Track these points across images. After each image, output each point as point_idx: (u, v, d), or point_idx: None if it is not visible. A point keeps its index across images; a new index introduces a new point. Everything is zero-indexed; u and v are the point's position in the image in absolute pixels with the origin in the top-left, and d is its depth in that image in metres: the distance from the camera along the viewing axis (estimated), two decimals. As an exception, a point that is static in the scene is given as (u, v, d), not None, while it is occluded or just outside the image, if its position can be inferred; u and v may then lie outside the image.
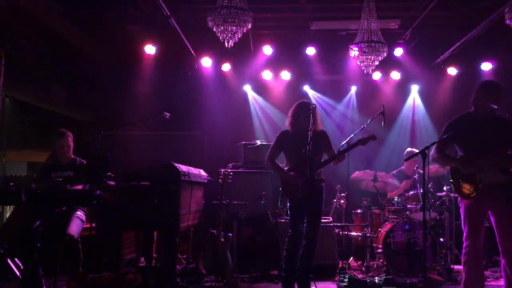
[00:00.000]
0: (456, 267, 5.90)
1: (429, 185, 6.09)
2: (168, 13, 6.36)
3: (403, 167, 6.97)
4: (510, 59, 7.82)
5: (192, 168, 5.24)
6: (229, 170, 5.76)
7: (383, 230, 5.94)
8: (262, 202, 5.97)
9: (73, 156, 5.16)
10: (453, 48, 7.48)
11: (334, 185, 6.79)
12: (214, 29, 4.90)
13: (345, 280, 5.26)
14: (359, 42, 5.55)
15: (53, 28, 6.49)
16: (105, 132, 5.10)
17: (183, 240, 5.57)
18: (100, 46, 7.74)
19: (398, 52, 7.74)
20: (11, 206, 6.71)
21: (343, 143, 5.61)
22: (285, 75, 8.34)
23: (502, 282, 5.47)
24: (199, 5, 6.45)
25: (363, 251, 6.18)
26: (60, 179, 4.31)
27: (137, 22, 7.09)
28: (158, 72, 8.01)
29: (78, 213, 4.78)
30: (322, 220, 6.09)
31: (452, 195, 6.01)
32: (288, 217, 4.84)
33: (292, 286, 4.68)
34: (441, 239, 6.03)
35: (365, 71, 5.80)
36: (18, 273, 4.13)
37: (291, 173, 4.70)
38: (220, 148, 7.80)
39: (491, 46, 7.62)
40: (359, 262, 6.29)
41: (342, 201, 6.68)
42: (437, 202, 6.12)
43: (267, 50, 7.81)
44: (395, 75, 8.32)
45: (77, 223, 4.68)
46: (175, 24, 6.70)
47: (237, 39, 4.98)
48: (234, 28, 4.85)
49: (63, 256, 4.66)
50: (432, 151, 4.24)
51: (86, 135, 5.20)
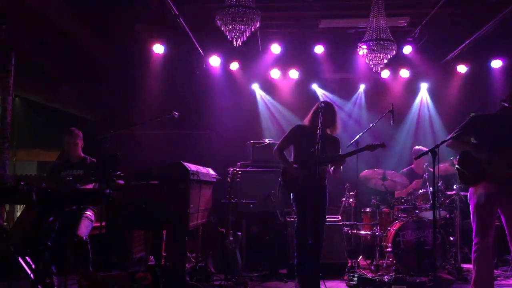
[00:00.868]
0: (466, 266, 5.86)
1: (439, 184, 6.05)
2: (177, 12, 6.38)
3: (412, 165, 6.94)
4: (521, 56, 7.76)
5: (201, 167, 5.25)
6: (237, 169, 5.77)
7: (393, 229, 5.92)
8: (272, 200, 5.98)
9: (83, 154, 5.18)
10: (462, 45, 7.43)
11: (343, 184, 6.77)
12: (223, 28, 4.90)
13: (355, 279, 5.24)
14: (368, 40, 5.53)
15: (63, 27, 6.54)
16: (114, 131, 5.13)
17: (192, 239, 5.60)
18: (109, 46, 7.78)
19: (407, 50, 7.70)
20: (22, 205, 6.77)
21: (351, 141, 5.59)
22: (294, 73, 8.33)
23: (512, 281, 5.46)
24: (207, 4, 6.46)
25: (372, 250, 6.16)
26: (70, 178, 4.34)
27: (145, 21, 7.12)
28: (166, 71, 8.03)
29: (88, 213, 4.79)
30: (331, 219, 6.12)
31: (462, 193, 5.97)
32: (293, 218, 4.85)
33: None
34: (451, 238, 6.00)
35: (373, 69, 5.77)
36: (29, 272, 4.16)
37: (295, 165, 4.73)
38: (229, 147, 7.80)
39: (501, 43, 7.53)
40: (368, 261, 6.27)
41: (351, 199, 6.66)
42: (447, 201, 6.08)
43: (275, 48, 7.80)
44: (404, 73, 8.27)
45: (86, 223, 4.70)
46: (184, 23, 6.71)
47: (245, 38, 4.98)
48: (242, 27, 4.85)
49: (73, 255, 4.69)
50: (449, 137, 4.24)
51: (96, 134, 5.22)
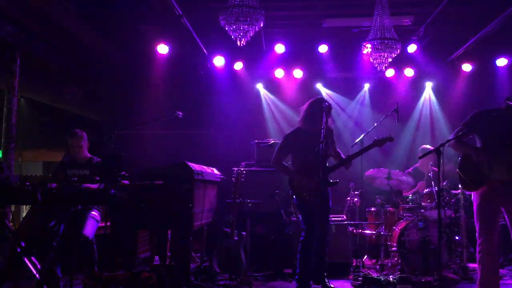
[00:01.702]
0: (471, 265, 5.84)
1: (444, 183, 6.03)
2: (181, 12, 6.39)
3: (417, 164, 6.92)
4: (526, 54, 7.72)
5: (205, 167, 5.26)
6: (242, 169, 5.77)
7: (398, 228, 5.91)
8: (277, 199, 5.97)
9: (89, 155, 5.20)
10: (467, 44, 7.40)
11: (347, 183, 6.75)
12: (226, 28, 4.91)
13: (360, 278, 5.24)
14: (372, 39, 5.52)
15: (67, 28, 6.56)
16: (119, 131, 5.14)
17: (196, 239, 5.60)
18: (114, 46, 7.80)
19: (412, 48, 7.67)
20: (28, 206, 6.80)
21: (356, 140, 5.58)
22: (298, 73, 8.32)
23: (519, 280, 5.43)
24: (211, 4, 6.46)
25: (377, 249, 6.15)
26: (75, 179, 4.35)
27: (149, 22, 7.13)
28: (170, 71, 8.05)
29: (93, 213, 4.82)
30: (336, 218, 6.11)
31: (467, 192, 5.95)
32: (301, 219, 4.81)
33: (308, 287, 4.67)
34: (456, 237, 5.98)
35: (378, 68, 5.76)
36: (35, 272, 4.18)
37: (301, 176, 4.68)
38: (233, 146, 7.80)
39: (506, 42, 7.50)
40: (374, 261, 6.26)
41: (355, 199, 6.65)
42: (452, 200, 6.06)
43: (280, 48, 7.80)
44: (409, 72, 8.25)
45: (92, 223, 4.72)
46: (188, 24, 6.72)
47: (249, 38, 4.98)
48: (246, 26, 4.85)
49: (78, 255, 4.70)
50: (451, 136, 4.21)
51: (100, 134, 5.24)
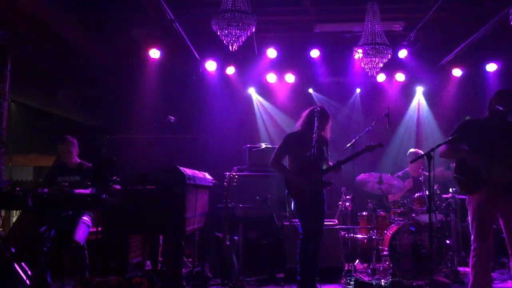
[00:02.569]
0: (462, 269, 5.88)
1: (435, 187, 6.07)
2: (173, 17, 6.39)
3: (407, 168, 6.95)
4: (515, 59, 7.81)
5: (197, 172, 5.25)
6: (234, 173, 5.77)
7: (389, 232, 5.93)
8: (269, 204, 5.98)
9: (79, 160, 5.18)
10: (457, 49, 7.47)
11: (339, 188, 6.77)
12: (218, 33, 4.92)
13: (351, 282, 5.25)
14: (363, 44, 5.56)
15: (60, 33, 6.53)
16: (111, 136, 5.13)
17: (188, 244, 5.58)
18: (106, 51, 7.79)
19: (403, 53, 7.73)
20: (18, 211, 6.75)
21: (348, 145, 5.61)
22: (290, 77, 8.36)
23: (509, 284, 5.48)
24: (203, 9, 6.47)
25: (369, 253, 6.17)
26: (66, 184, 4.33)
27: (141, 26, 7.13)
28: (162, 76, 8.04)
29: (84, 218, 4.79)
30: (328, 223, 6.12)
31: (458, 196, 5.99)
32: (297, 221, 4.84)
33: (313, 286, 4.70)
34: (448, 241, 6.01)
35: (369, 73, 5.79)
36: (25, 278, 4.14)
37: (298, 178, 4.72)
38: (225, 151, 7.80)
39: (496, 47, 7.58)
40: (365, 265, 6.27)
41: (347, 203, 6.66)
42: (443, 204, 6.09)
43: (271, 53, 7.82)
44: (400, 77, 8.31)
45: (83, 229, 4.70)
46: (180, 28, 6.73)
47: (241, 43, 5.00)
48: (238, 31, 4.87)
49: (69, 261, 4.68)
50: (441, 147, 4.24)
51: (92, 139, 5.23)
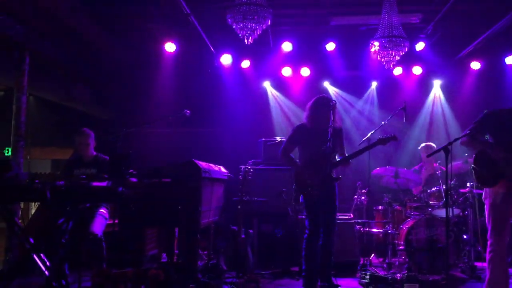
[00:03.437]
0: (479, 264, 5.82)
1: (452, 181, 6.00)
2: (188, 11, 6.40)
3: (422, 162, 6.89)
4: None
5: (212, 165, 5.27)
6: (249, 167, 5.78)
7: (405, 227, 5.89)
8: (284, 198, 5.98)
9: (95, 153, 5.24)
10: (476, 42, 7.34)
11: (354, 182, 6.75)
12: (234, 26, 4.92)
13: (367, 277, 5.23)
14: (380, 37, 5.51)
15: (76, 27, 6.60)
16: (127, 129, 5.17)
17: (204, 237, 5.62)
18: (122, 45, 7.84)
19: (420, 46, 7.63)
20: (36, 203, 6.85)
21: (363, 139, 5.57)
22: (305, 71, 8.31)
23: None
24: (218, 2, 6.46)
25: (384, 248, 6.13)
26: (84, 176, 4.38)
27: (157, 20, 7.15)
28: (178, 70, 8.07)
29: (102, 210, 4.86)
30: (343, 217, 6.11)
31: (475, 191, 5.92)
32: (305, 215, 4.83)
33: (314, 285, 4.68)
34: (464, 236, 5.94)
35: (386, 66, 5.74)
36: (44, 269, 4.21)
37: (304, 172, 4.69)
38: (240, 145, 7.81)
39: (515, 39, 7.46)
40: (381, 259, 6.25)
41: (363, 197, 6.63)
42: (460, 199, 6.02)
43: (287, 46, 7.79)
44: (417, 70, 8.21)
45: (101, 221, 4.76)
46: (195, 22, 6.73)
47: (256, 36, 4.98)
48: (253, 25, 4.86)
49: (87, 252, 4.74)
50: (463, 134, 4.19)
51: (108, 132, 5.28)
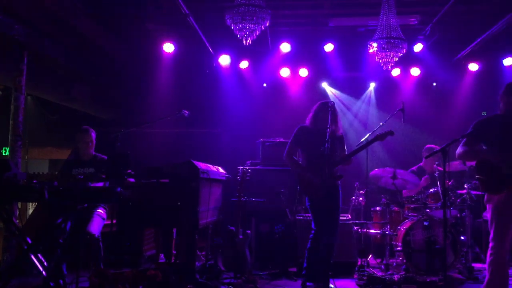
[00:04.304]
0: (477, 265, 5.83)
1: (450, 183, 6.01)
2: (187, 11, 6.41)
3: (422, 163, 6.90)
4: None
5: (210, 166, 5.28)
6: (247, 168, 5.78)
7: (403, 228, 5.90)
8: (282, 198, 5.98)
9: (94, 152, 5.24)
10: (474, 43, 7.37)
11: (352, 183, 6.76)
12: (233, 27, 4.92)
13: (364, 278, 5.24)
14: (378, 38, 5.52)
15: (76, 27, 6.59)
16: (125, 130, 5.18)
17: (202, 237, 5.63)
18: (121, 45, 7.84)
19: (418, 48, 7.65)
20: (34, 203, 6.85)
21: (362, 140, 5.58)
22: (303, 72, 8.33)
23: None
24: (217, 3, 6.48)
25: (382, 249, 6.14)
26: (82, 177, 4.38)
27: (156, 20, 7.16)
28: (176, 70, 8.08)
29: (99, 210, 4.86)
30: (341, 218, 6.10)
31: (473, 192, 5.93)
32: (310, 216, 4.85)
33: (316, 280, 4.70)
34: (462, 237, 5.96)
35: (384, 67, 5.75)
36: (41, 269, 4.21)
37: (308, 173, 4.71)
38: (239, 145, 7.82)
39: (513, 41, 7.49)
40: (378, 260, 6.25)
41: (360, 198, 6.64)
42: (458, 200, 6.04)
43: (285, 47, 7.79)
44: (415, 71, 8.23)
45: (98, 221, 4.76)
46: (194, 23, 6.74)
47: (255, 37, 4.99)
48: (252, 25, 4.87)
49: (85, 253, 4.74)
50: (458, 148, 4.20)
51: (107, 133, 5.28)
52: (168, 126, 7.38)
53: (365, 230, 6.31)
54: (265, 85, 8.57)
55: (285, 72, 8.33)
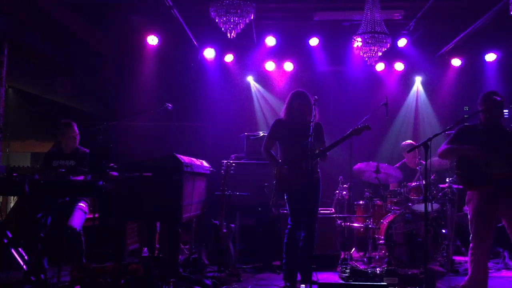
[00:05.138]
0: (458, 258, 5.92)
1: (432, 177, 6.07)
2: (171, 3, 6.35)
3: (405, 159, 6.96)
4: (515, 50, 7.80)
5: (194, 159, 5.26)
6: (231, 161, 5.77)
7: (385, 221, 5.95)
8: (266, 192, 5.99)
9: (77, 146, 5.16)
10: (457, 39, 7.45)
11: (336, 177, 6.79)
12: (217, 20, 4.90)
13: (347, 270, 5.28)
14: (363, 33, 5.53)
15: (58, 18, 6.50)
16: (108, 122, 5.12)
17: (185, 231, 5.61)
18: (104, 37, 7.75)
19: (402, 42, 7.70)
20: (15, 197, 6.76)
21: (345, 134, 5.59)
22: (288, 66, 8.32)
23: (503, 273, 5.53)
24: (201, -5, 6.43)
25: (365, 242, 6.19)
26: (63, 170, 4.33)
27: (140, 12, 7.08)
28: (160, 63, 8.02)
29: (81, 204, 4.79)
30: (324, 211, 6.14)
31: (454, 186, 6.01)
32: (287, 210, 4.85)
33: (293, 279, 4.71)
34: (443, 231, 6.03)
35: (368, 62, 5.77)
36: (22, 263, 4.16)
37: (285, 166, 4.70)
38: (223, 139, 7.79)
39: (495, 37, 7.56)
40: (361, 253, 6.31)
41: (344, 192, 6.68)
42: (440, 194, 6.11)
43: (270, 41, 7.78)
44: (399, 66, 8.28)
45: (80, 215, 4.70)
46: (178, 15, 6.68)
47: (239, 30, 4.97)
48: (236, 18, 4.85)
49: (66, 247, 4.70)
50: (440, 149, 4.28)
51: (89, 125, 5.22)
52: (152, 120, 7.33)
53: (348, 223, 6.36)
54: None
55: (270, 65, 8.32)
